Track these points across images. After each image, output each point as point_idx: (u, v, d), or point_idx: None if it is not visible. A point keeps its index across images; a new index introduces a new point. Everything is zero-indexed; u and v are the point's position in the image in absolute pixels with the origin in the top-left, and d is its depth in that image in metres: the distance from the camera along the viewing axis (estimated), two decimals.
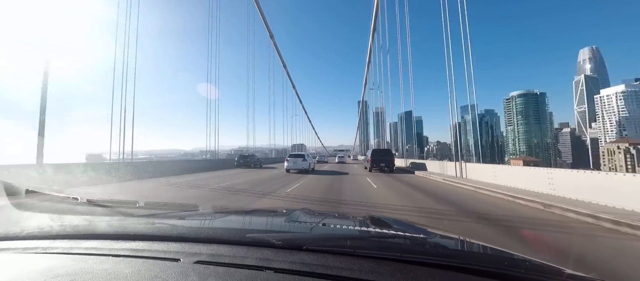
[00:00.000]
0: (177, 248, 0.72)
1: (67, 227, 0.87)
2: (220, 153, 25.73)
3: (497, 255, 0.78)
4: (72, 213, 1.16)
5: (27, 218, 1.04)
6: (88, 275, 0.57)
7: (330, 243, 0.78)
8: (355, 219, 1.31)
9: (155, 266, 0.62)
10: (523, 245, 3.29)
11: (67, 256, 0.70)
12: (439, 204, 5.84)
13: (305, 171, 14.41)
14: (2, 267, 0.61)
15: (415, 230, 1.02)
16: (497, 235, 3.64)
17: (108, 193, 6.92)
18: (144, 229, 0.86)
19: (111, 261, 0.65)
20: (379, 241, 0.85)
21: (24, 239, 0.81)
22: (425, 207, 5.47)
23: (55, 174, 8.01)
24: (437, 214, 4.93)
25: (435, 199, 6.44)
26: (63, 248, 0.74)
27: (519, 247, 3.14)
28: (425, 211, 5.09)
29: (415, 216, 4.68)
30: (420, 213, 4.97)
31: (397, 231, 0.96)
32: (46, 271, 0.58)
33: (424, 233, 0.97)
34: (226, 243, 0.74)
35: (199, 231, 0.83)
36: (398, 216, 3.18)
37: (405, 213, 5.05)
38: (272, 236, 0.80)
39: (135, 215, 1.11)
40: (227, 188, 8.13)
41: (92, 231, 0.85)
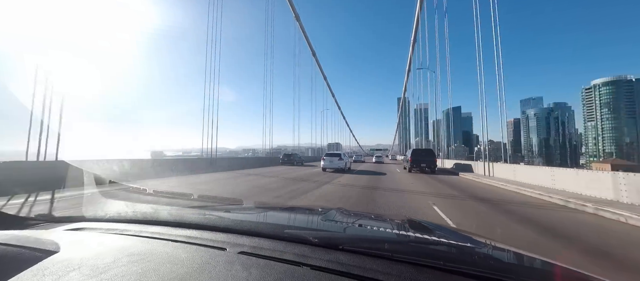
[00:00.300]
0: (224, 238, 0.78)
1: (138, 213, 1.01)
2: (261, 151, 27.71)
3: (550, 271, 0.70)
4: (141, 202, 1.33)
5: (110, 204, 1.22)
6: (153, 256, 0.64)
7: (367, 244, 0.76)
8: (393, 222, 1.27)
9: (206, 253, 0.67)
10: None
11: (137, 238, 0.79)
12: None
13: (341, 170, 14.45)
14: (90, 243, 0.73)
15: (460, 238, 0.96)
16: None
17: (169, 186, 8.02)
18: (196, 219, 0.94)
19: (171, 246, 0.73)
20: (420, 247, 0.81)
21: (107, 221, 0.97)
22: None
23: (130, 168, 9.71)
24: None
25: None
26: (134, 231, 0.85)
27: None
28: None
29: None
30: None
31: (439, 237, 0.90)
32: (122, 250, 0.67)
33: (471, 242, 0.90)
34: (266, 237, 0.78)
35: (243, 224, 0.87)
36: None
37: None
38: (309, 233, 0.81)
39: (190, 206, 1.23)
40: (283, 182, 9.21)
41: (156, 218, 0.96)
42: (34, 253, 0.58)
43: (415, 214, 4.83)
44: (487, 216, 4.89)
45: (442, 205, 5.57)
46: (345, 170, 14.65)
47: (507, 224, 4.35)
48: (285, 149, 34.36)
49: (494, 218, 4.75)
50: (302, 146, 45.60)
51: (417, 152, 15.86)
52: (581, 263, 3.01)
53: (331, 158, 14.64)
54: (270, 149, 29.86)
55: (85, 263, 0.58)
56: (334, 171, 14.19)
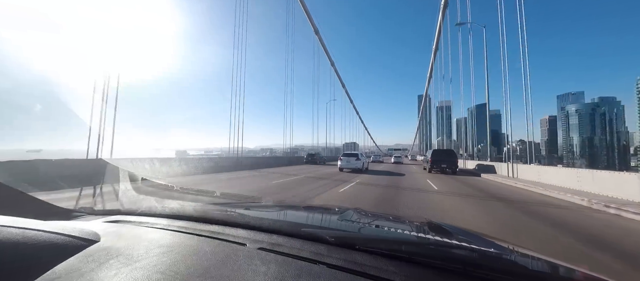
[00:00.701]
0: (244, 234, 0.81)
1: (166, 208, 1.08)
2: (278, 151, 28.45)
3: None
4: (170, 197, 1.41)
5: (142, 199, 1.30)
6: (180, 248, 0.69)
7: (384, 245, 0.75)
8: (412, 224, 1.25)
9: (228, 247, 0.71)
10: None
11: (165, 232, 0.84)
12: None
13: (358, 170, 14.27)
14: (125, 234, 0.78)
15: (483, 243, 0.92)
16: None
17: (194, 183, 8.51)
18: (219, 215, 0.98)
19: (196, 240, 0.77)
20: (439, 250, 0.79)
21: (139, 215, 1.04)
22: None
23: (160, 166, 10.56)
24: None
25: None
26: (162, 225, 0.91)
27: None
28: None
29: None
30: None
31: (460, 241, 0.86)
32: (153, 242, 0.72)
33: (495, 247, 0.86)
34: (284, 235, 0.80)
35: (262, 222, 0.90)
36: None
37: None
38: (326, 232, 0.81)
39: (213, 203, 1.28)
40: (305, 181, 9.84)
41: (183, 213, 1.02)
42: (79, 241, 0.63)
43: (433, 211, 4.99)
44: (499, 211, 5.33)
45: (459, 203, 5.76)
46: (362, 170, 14.46)
47: (518, 217, 4.77)
48: (302, 148, 35.08)
49: (506, 213, 5.14)
50: (319, 145, 46.21)
51: (438, 152, 15.74)
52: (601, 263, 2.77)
53: (348, 158, 14.52)
54: (289, 149, 30.65)
55: (122, 253, 0.63)
56: (351, 171, 14.13)
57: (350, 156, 14.77)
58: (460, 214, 4.93)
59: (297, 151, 33.30)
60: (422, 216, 4.53)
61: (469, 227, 1.18)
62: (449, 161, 14.39)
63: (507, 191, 8.27)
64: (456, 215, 4.88)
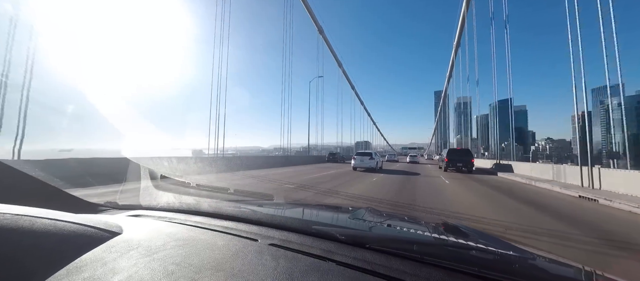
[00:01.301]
0: (256, 230, 0.83)
1: (183, 204, 1.13)
2: (291, 150, 28.93)
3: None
4: (186, 194, 1.46)
5: (161, 195, 1.36)
6: (195, 242, 0.72)
7: (395, 244, 0.74)
8: (427, 224, 1.23)
9: (240, 242, 0.73)
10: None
11: (182, 226, 0.87)
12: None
13: (372, 170, 14.15)
14: (145, 228, 0.83)
15: (501, 245, 0.88)
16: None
17: (210, 180, 8.79)
18: (232, 211, 1.00)
19: (210, 234, 0.79)
20: (452, 251, 0.76)
21: (158, 210, 1.10)
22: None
23: (177, 165, 11.11)
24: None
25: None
26: (180, 219, 0.95)
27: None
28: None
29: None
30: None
31: (476, 242, 0.82)
32: (170, 235, 0.76)
33: (514, 250, 0.82)
34: (295, 232, 0.81)
35: (274, 218, 0.91)
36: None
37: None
38: (336, 230, 0.81)
39: (228, 199, 1.32)
40: (324, 178, 10.35)
41: (198, 209, 1.06)
42: (104, 233, 0.68)
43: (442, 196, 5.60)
44: (500, 198, 6.64)
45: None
46: (376, 169, 14.34)
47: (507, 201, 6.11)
48: (315, 148, 35.31)
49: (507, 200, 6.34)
50: (331, 144, 46.43)
51: (453, 151, 15.92)
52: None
53: (362, 157, 14.39)
54: (301, 148, 31.13)
55: (141, 244, 0.67)
56: (364, 170, 14.09)
57: (364, 155, 14.66)
58: (464, 199, 6.28)
59: (310, 150, 33.59)
60: (436, 210, 4.59)
61: (471, 209, 1.11)
62: (464, 160, 14.52)
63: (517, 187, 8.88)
64: (462, 199, 6.14)
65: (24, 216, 0.57)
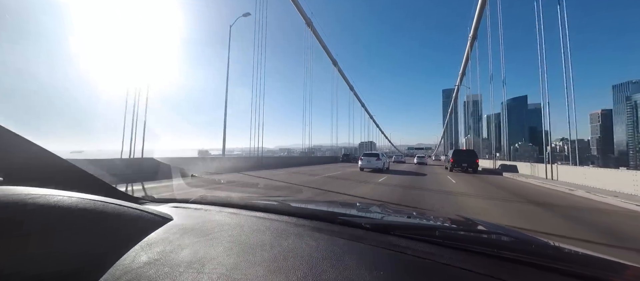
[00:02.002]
0: (288, 220, 0.88)
1: (216, 198, 1.21)
2: (296, 150, 29.10)
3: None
4: (218, 189, 1.60)
5: (194, 191, 1.49)
6: (240, 227, 0.78)
7: (418, 231, 0.77)
8: (444, 217, 1.27)
9: (280, 226, 0.79)
10: None
11: (222, 214, 0.94)
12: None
13: (379, 170, 14.25)
14: (190, 215, 0.90)
15: (514, 233, 0.91)
16: None
17: (237, 178, 8.97)
18: (263, 204, 1.07)
19: (252, 220, 0.86)
20: (471, 235, 0.81)
21: (193, 203, 1.18)
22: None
23: (202, 164, 11.29)
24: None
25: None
26: (216, 211, 1.01)
27: None
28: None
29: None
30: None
31: (491, 230, 0.87)
32: (215, 222, 0.82)
33: (526, 238, 0.86)
34: (322, 221, 0.85)
35: (303, 210, 0.97)
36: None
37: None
38: (362, 219, 0.85)
39: (257, 194, 1.44)
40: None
41: (231, 202, 1.13)
42: (159, 218, 0.75)
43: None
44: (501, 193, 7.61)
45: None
46: (383, 170, 14.44)
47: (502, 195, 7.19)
48: (320, 148, 35.55)
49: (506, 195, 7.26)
50: (337, 145, 46.15)
51: (459, 152, 16.81)
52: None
53: (369, 158, 14.51)
54: (307, 149, 31.19)
55: (193, 228, 0.73)
56: (371, 171, 14.22)
57: (371, 155, 14.81)
58: (464, 190, 7.97)
59: (314, 151, 33.61)
60: (452, 212, 4.67)
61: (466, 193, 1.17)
62: (469, 161, 15.31)
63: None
64: (461, 190, 7.93)
65: (98, 201, 0.65)
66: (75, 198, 0.62)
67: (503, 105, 24.00)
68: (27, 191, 0.57)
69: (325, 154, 34.27)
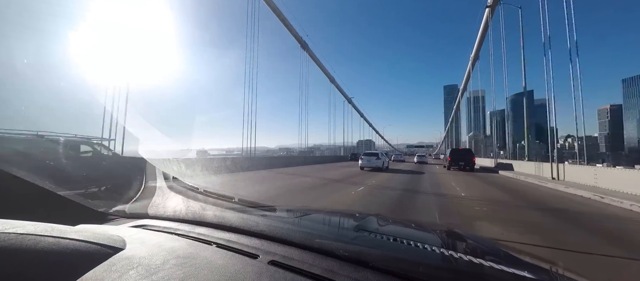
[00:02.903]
0: (258, 244, 0.83)
1: (189, 213, 1.14)
2: (295, 150, 29.42)
3: None
4: (194, 199, 1.47)
5: (171, 198, 1.38)
6: (195, 260, 0.71)
7: (400, 265, 0.72)
8: (435, 234, 1.22)
9: (240, 261, 0.72)
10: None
11: (184, 240, 0.88)
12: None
13: (379, 169, 14.72)
14: (148, 242, 0.82)
15: (513, 263, 0.85)
16: None
17: (219, 183, 8.89)
18: (236, 222, 1.00)
19: (211, 251, 0.79)
20: (459, 273, 0.75)
21: (164, 219, 1.11)
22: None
23: (186, 167, 11.28)
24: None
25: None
26: (184, 231, 0.95)
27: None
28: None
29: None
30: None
31: (485, 258, 0.80)
32: (171, 251, 0.76)
33: (529, 269, 0.77)
34: (296, 246, 0.80)
35: (276, 231, 0.91)
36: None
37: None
38: (340, 246, 0.80)
39: (232, 209, 1.32)
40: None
41: (202, 219, 1.06)
42: (106, 249, 0.68)
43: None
44: (480, 184, 9.57)
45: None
46: (382, 169, 14.96)
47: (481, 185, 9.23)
48: (319, 148, 36.57)
49: (485, 186, 9.20)
50: (335, 144, 46.73)
51: (456, 151, 17.54)
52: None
53: (369, 157, 15.02)
54: (306, 148, 31.80)
55: (141, 262, 0.66)
56: (371, 170, 14.59)
57: (371, 155, 15.37)
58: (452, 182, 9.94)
59: (313, 151, 34.15)
60: (446, 225, 4.36)
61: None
62: (466, 159, 15.95)
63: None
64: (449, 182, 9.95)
65: (28, 235, 0.57)
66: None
67: (508, 101, 23.53)
68: None
69: (324, 154, 34.90)
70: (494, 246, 1.03)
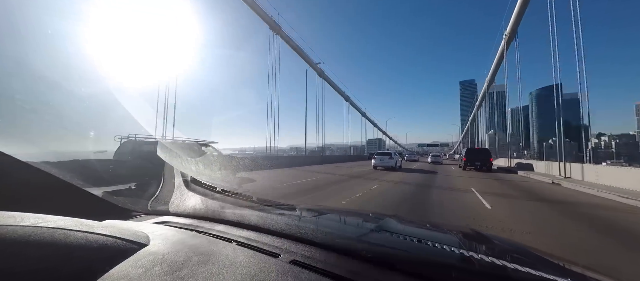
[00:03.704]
0: (278, 243, 0.82)
1: (209, 211, 1.15)
2: (306, 149, 29.75)
3: None
4: (213, 199, 1.49)
5: (189, 197, 1.41)
6: (216, 258, 0.70)
7: (428, 268, 0.68)
8: (457, 235, 1.19)
9: (261, 260, 0.71)
10: None
11: (205, 237, 0.88)
12: None
13: (392, 168, 15.12)
14: (171, 239, 0.83)
15: (540, 263, 0.81)
16: None
17: (236, 182, 9.19)
18: (255, 220, 0.99)
19: (232, 248, 0.78)
20: (489, 275, 0.69)
21: (185, 217, 1.13)
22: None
23: (203, 167, 11.79)
24: None
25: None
26: (204, 228, 0.96)
27: None
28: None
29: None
30: None
31: (514, 260, 0.74)
32: (193, 248, 0.76)
33: (557, 270, 0.74)
34: (318, 246, 0.78)
35: (296, 230, 0.89)
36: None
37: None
38: (363, 247, 0.77)
39: (250, 207, 1.32)
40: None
41: (222, 217, 1.06)
42: (132, 245, 0.70)
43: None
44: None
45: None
46: (395, 168, 15.33)
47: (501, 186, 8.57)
48: (330, 148, 37.28)
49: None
50: (346, 144, 47.16)
51: (472, 151, 16.63)
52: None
53: (382, 157, 15.49)
54: (316, 148, 32.22)
55: (165, 259, 0.67)
56: (384, 169, 15.04)
57: (384, 154, 15.85)
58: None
59: (323, 150, 34.55)
60: (466, 226, 4.12)
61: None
62: (482, 159, 15.14)
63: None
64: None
65: (59, 229, 0.59)
66: (30, 227, 0.55)
67: (531, 96, 21.69)
68: None
69: (334, 153, 35.35)
70: (525, 249, 0.95)
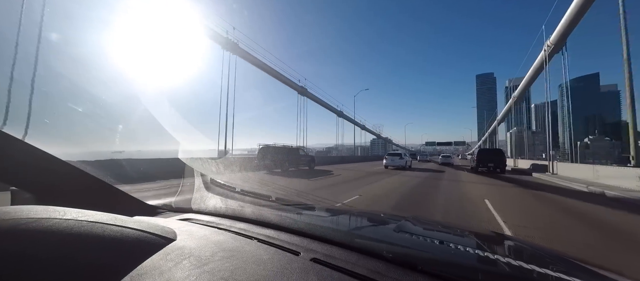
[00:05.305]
0: (298, 242, 0.82)
1: (229, 209, 1.18)
2: (312, 150, 30.34)
3: None
4: (232, 198, 1.52)
5: (209, 197, 1.45)
6: (241, 254, 0.72)
7: (453, 270, 0.67)
8: (479, 236, 1.17)
9: (284, 257, 0.71)
10: None
11: (228, 234, 0.90)
12: None
13: (402, 168, 16.06)
14: (196, 234, 0.86)
15: (573, 268, 0.77)
16: None
17: (255, 181, 9.52)
18: (274, 219, 1.01)
19: (254, 245, 0.80)
20: (520, 280, 0.66)
21: (206, 214, 1.17)
22: None
23: (223, 168, 12.24)
24: None
25: None
26: (226, 226, 0.98)
27: None
28: None
29: None
30: None
31: (544, 265, 0.69)
32: (218, 244, 0.78)
33: (592, 277, 0.70)
34: (337, 245, 0.78)
35: (315, 229, 0.90)
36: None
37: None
38: (383, 247, 0.76)
39: (269, 207, 1.35)
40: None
41: (242, 215, 1.09)
42: (161, 240, 0.72)
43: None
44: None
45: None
46: (406, 168, 16.28)
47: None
48: (336, 148, 39.08)
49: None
50: (352, 144, 48.10)
51: (484, 151, 15.79)
52: None
53: (393, 157, 16.57)
54: (324, 149, 32.80)
55: (193, 253, 0.69)
56: (395, 168, 15.94)
57: (395, 155, 16.94)
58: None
59: (330, 151, 35.23)
60: (486, 227, 4.04)
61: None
62: (496, 160, 14.19)
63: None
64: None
65: (97, 223, 0.62)
66: (72, 220, 0.60)
67: (560, 89, 18.87)
68: (26, 212, 0.56)
69: (340, 154, 35.96)
70: (555, 254, 0.91)
